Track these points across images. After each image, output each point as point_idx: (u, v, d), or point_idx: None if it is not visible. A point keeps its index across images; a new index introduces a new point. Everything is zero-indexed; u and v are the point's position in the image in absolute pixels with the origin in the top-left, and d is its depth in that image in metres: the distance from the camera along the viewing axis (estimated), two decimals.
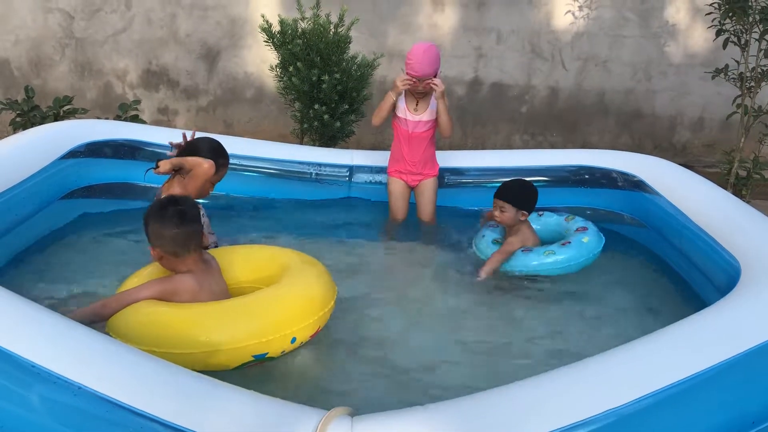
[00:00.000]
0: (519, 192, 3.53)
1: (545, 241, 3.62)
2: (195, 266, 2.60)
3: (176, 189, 3.07)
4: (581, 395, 1.93)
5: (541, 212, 3.80)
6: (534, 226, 3.70)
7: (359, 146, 6.98)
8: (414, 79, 3.72)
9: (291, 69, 4.93)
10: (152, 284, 2.55)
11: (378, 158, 4.40)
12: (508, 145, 7.20)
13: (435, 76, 3.74)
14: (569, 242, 3.45)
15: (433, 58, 3.73)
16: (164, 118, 7.02)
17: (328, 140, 5.20)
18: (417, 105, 3.85)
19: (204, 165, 3.02)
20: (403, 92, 3.87)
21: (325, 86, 4.85)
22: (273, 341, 2.38)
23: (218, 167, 3.19)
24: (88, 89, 6.88)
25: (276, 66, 5.20)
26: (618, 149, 6.93)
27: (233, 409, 1.84)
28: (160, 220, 2.55)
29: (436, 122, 3.90)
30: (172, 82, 6.92)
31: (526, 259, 3.43)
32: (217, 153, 3.21)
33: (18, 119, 5.03)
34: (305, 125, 5.12)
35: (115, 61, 6.82)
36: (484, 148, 7.19)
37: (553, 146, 7.17)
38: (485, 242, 3.60)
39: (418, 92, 3.79)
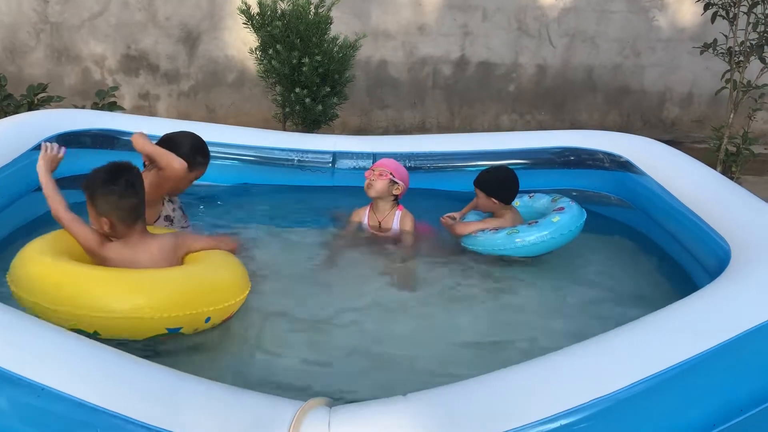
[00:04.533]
0: (491, 180, 3.51)
1: None
2: (140, 238, 2.56)
3: (150, 181, 2.97)
4: (567, 384, 1.86)
5: (531, 194, 3.73)
6: (525, 208, 3.65)
7: (345, 130, 6.90)
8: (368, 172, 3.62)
9: (271, 52, 4.81)
10: (94, 233, 2.54)
11: (362, 144, 4.29)
12: (496, 125, 7.12)
13: (392, 177, 3.57)
14: (536, 222, 3.37)
15: (396, 164, 3.65)
16: (145, 103, 6.89)
17: (311, 124, 5.09)
18: (380, 225, 3.67)
19: (174, 165, 2.87)
20: (367, 209, 3.71)
21: (305, 69, 4.74)
22: (190, 317, 2.36)
23: (196, 165, 3.08)
24: (66, 75, 6.73)
25: (256, 49, 5.08)
26: (607, 126, 6.94)
27: (207, 403, 1.77)
28: (116, 188, 2.49)
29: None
30: (152, 67, 6.78)
31: (492, 238, 3.37)
32: (196, 151, 3.08)
33: None
34: (287, 109, 5.01)
35: (92, 46, 6.67)
36: (471, 128, 7.10)
37: (541, 125, 7.10)
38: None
39: (369, 185, 3.59)
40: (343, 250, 3.58)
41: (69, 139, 3.62)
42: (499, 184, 3.50)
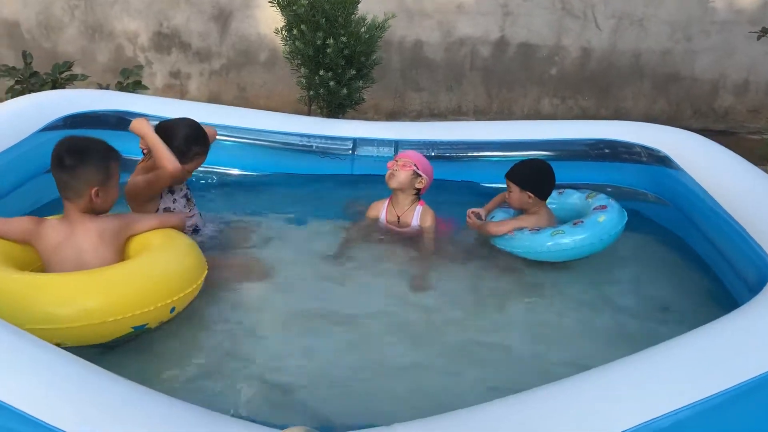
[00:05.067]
0: (528, 172, 3.24)
1: (562, 221, 3.28)
2: (79, 217, 2.47)
3: (146, 176, 2.85)
4: (587, 416, 1.67)
5: (561, 190, 3.47)
6: (552, 205, 3.40)
7: (377, 113, 6.71)
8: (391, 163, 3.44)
9: (295, 32, 4.63)
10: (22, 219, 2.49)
11: (384, 130, 4.08)
12: (536, 110, 6.81)
13: (416, 169, 3.37)
14: (582, 222, 3.10)
15: (422, 157, 3.44)
16: (177, 82, 6.80)
17: (336, 108, 4.90)
18: (399, 220, 3.47)
19: (170, 168, 2.75)
20: (386, 203, 3.52)
21: (330, 50, 4.54)
22: (155, 311, 2.28)
23: (192, 156, 2.97)
24: (99, 52, 6.68)
25: (282, 29, 4.91)
26: (653, 115, 6.58)
27: (173, 427, 1.63)
28: (116, 157, 2.49)
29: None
30: (184, 45, 6.67)
31: (533, 239, 3.10)
32: (191, 142, 2.95)
33: (17, 86, 4.86)
34: (311, 92, 4.83)
35: (125, 22, 6.59)
36: (510, 112, 6.83)
37: (584, 111, 6.77)
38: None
39: (391, 175, 3.41)
40: (357, 246, 3.39)
41: (77, 121, 3.54)
42: (537, 177, 3.23)
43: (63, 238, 2.44)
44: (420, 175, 3.38)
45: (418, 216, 3.44)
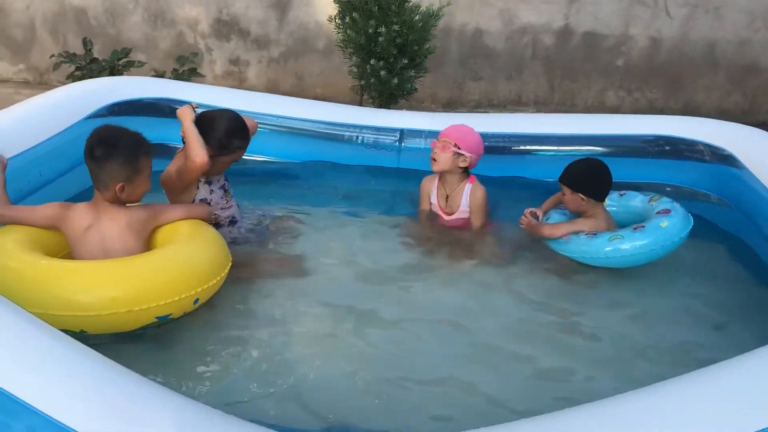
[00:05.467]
0: (575, 173, 3.08)
1: (623, 225, 3.09)
2: (106, 206, 2.49)
3: (179, 166, 2.84)
4: None
5: (622, 192, 3.29)
6: (612, 208, 3.23)
7: (434, 102, 6.58)
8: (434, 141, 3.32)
9: (347, 20, 4.55)
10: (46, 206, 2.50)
11: (433, 121, 3.95)
12: (601, 102, 6.54)
13: (457, 148, 3.22)
14: (642, 227, 2.91)
15: (465, 129, 3.28)
16: (236, 69, 6.84)
17: (388, 98, 4.81)
18: (447, 200, 3.36)
19: (197, 161, 2.69)
20: (435, 181, 3.40)
21: (381, 39, 4.44)
22: (179, 302, 2.27)
23: (232, 150, 2.93)
24: (161, 39, 6.78)
25: (335, 17, 4.84)
26: (727, 108, 6.22)
27: (174, 425, 1.58)
28: (146, 151, 2.48)
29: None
30: (243, 32, 6.70)
31: (589, 244, 2.94)
32: (231, 135, 2.90)
33: (77, 72, 4.97)
34: (363, 82, 4.75)
35: (186, 9, 6.67)
36: (572, 104, 6.58)
37: (651, 103, 6.45)
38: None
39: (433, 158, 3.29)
40: (400, 242, 3.27)
41: (123, 108, 3.57)
42: (589, 177, 3.07)
43: (89, 224, 2.45)
44: (462, 154, 3.24)
45: (467, 195, 3.31)
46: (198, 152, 2.69)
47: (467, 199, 3.30)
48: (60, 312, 2.07)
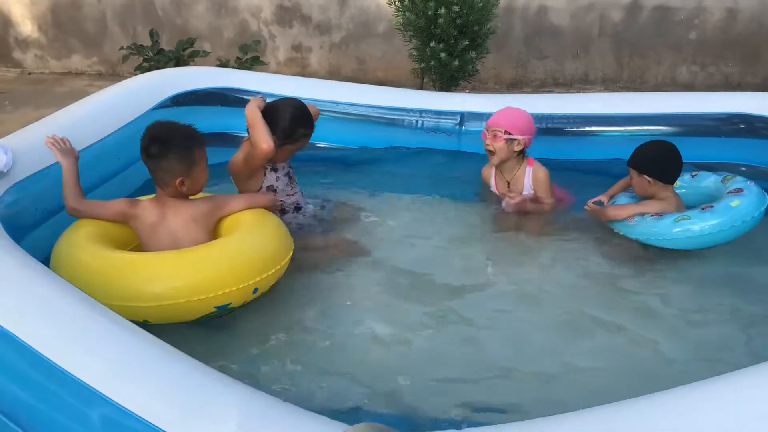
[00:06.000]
0: (641, 156, 2.99)
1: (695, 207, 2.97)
2: (168, 201, 2.55)
3: (245, 153, 2.88)
4: None
5: (695, 172, 3.18)
6: (683, 189, 3.13)
7: (498, 83, 6.48)
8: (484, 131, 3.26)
9: (406, 2, 4.51)
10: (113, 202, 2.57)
11: (494, 103, 3.86)
12: (672, 78, 6.30)
13: (508, 135, 3.16)
14: (711, 206, 2.81)
15: (513, 113, 3.21)
16: (298, 55, 6.90)
17: (449, 81, 4.75)
18: (509, 186, 3.30)
19: (263, 147, 2.73)
20: (493, 168, 3.35)
21: (441, 21, 4.38)
22: (238, 292, 2.29)
23: (298, 138, 2.96)
24: (225, 28, 6.90)
25: (394, 0, 4.81)
26: None
27: (236, 416, 1.62)
28: (200, 143, 2.52)
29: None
30: (305, 18, 6.74)
31: (655, 224, 2.86)
32: (297, 124, 2.94)
33: (144, 64, 5.10)
34: (423, 65, 4.71)
35: None
36: (642, 80, 6.36)
37: (727, 78, 6.17)
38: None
39: (488, 149, 3.24)
40: (464, 228, 3.25)
41: (188, 98, 3.65)
42: (657, 159, 2.97)
43: (156, 220, 2.51)
44: (515, 139, 3.18)
45: (529, 177, 3.25)
46: (264, 138, 2.73)
47: (530, 181, 3.25)
48: (124, 303, 2.13)
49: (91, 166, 2.93)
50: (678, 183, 3.09)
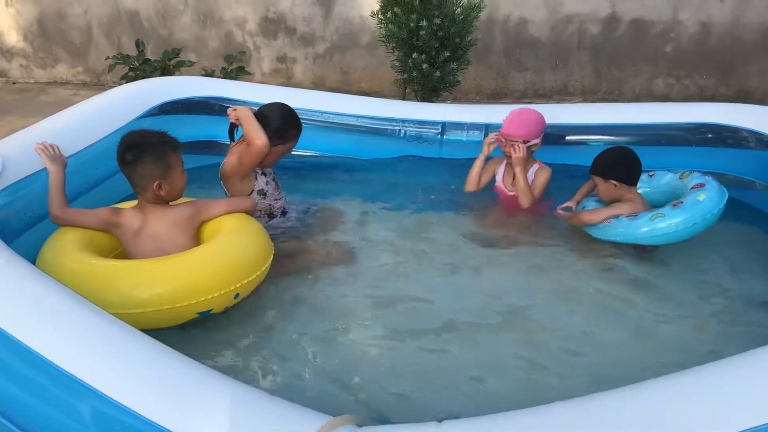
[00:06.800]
0: (604, 162, 3.14)
1: (657, 205, 3.11)
2: (150, 208, 2.59)
3: (239, 154, 2.95)
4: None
5: (651, 172, 3.31)
6: (643, 189, 3.26)
7: (479, 93, 6.59)
8: (498, 136, 3.45)
9: (389, 14, 4.61)
10: (98, 210, 2.61)
11: (475, 114, 3.97)
12: (649, 90, 6.44)
13: (526, 142, 3.37)
14: (681, 203, 2.94)
15: (525, 120, 3.41)
16: (283, 66, 6.98)
17: (430, 91, 4.85)
18: (514, 180, 3.46)
19: (258, 143, 2.83)
20: (504, 163, 3.56)
21: (423, 33, 4.49)
22: (220, 297, 2.36)
23: (287, 139, 3.05)
24: (210, 39, 6.97)
25: (377, 12, 4.91)
26: None
27: (223, 406, 1.68)
28: (173, 147, 2.57)
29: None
30: (289, 30, 6.83)
31: (632, 225, 2.97)
32: (287, 125, 3.04)
33: (130, 73, 5.16)
34: (405, 75, 4.80)
35: (234, 9, 6.83)
36: (620, 92, 6.50)
37: (702, 90, 6.32)
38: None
39: (507, 155, 3.43)
40: (449, 226, 3.37)
41: (174, 107, 3.71)
42: (619, 164, 3.12)
43: (139, 227, 2.56)
44: (533, 144, 3.41)
45: (533, 175, 3.48)
46: (258, 134, 2.83)
47: (532, 178, 3.45)
48: (108, 310, 2.15)
49: (78, 173, 2.99)
50: (638, 184, 3.21)
